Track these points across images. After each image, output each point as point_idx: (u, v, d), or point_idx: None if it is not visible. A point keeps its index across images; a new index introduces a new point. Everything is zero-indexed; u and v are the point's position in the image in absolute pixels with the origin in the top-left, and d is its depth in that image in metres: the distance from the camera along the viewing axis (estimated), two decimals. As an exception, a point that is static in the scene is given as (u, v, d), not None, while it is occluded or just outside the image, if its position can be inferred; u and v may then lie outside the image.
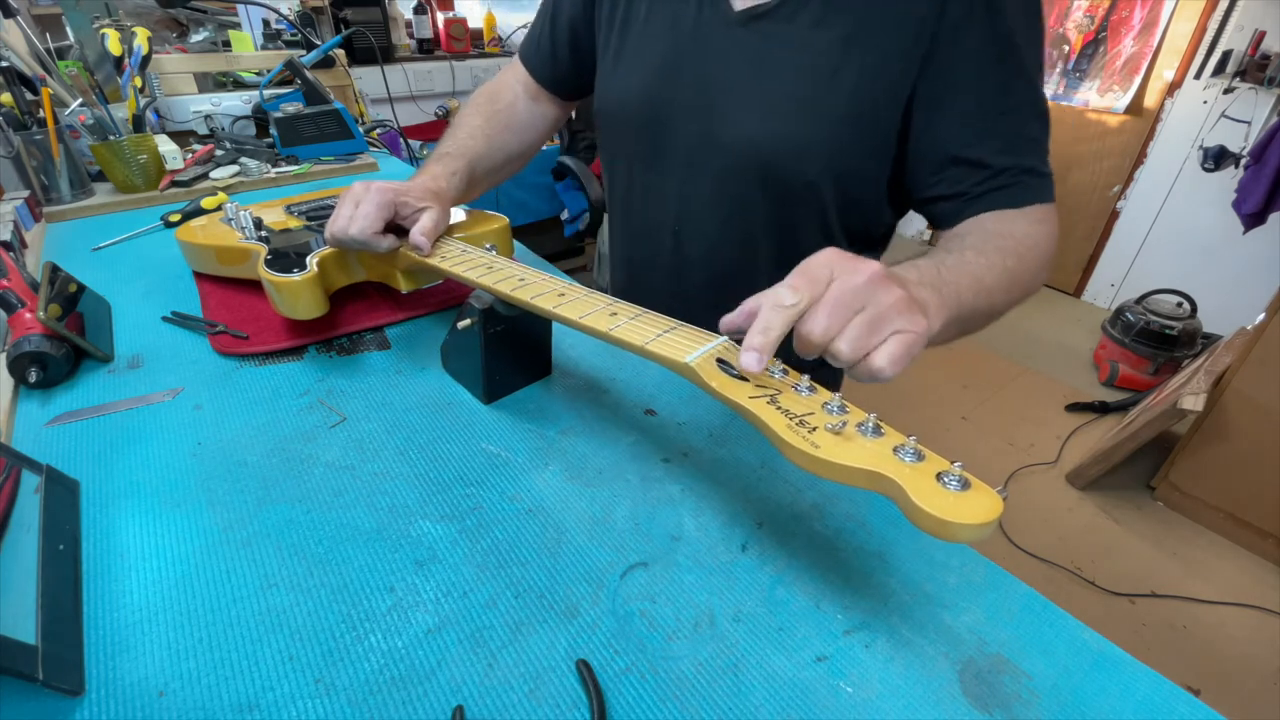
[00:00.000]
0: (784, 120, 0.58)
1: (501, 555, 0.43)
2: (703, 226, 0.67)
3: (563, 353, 0.64)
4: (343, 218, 0.58)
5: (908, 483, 0.30)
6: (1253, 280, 2.42)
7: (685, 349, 0.41)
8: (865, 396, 2.29)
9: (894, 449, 0.32)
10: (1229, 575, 1.64)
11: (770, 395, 0.36)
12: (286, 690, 0.34)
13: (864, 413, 0.35)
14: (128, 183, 0.97)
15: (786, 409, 0.35)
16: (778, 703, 0.35)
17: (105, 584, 0.40)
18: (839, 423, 0.34)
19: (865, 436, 0.33)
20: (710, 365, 0.39)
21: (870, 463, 0.31)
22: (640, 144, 0.69)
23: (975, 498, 0.30)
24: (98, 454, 0.50)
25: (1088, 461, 1.90)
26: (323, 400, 0.56)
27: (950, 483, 0.30)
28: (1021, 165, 0.54)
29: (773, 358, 0.38)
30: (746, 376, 0.38)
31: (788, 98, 0.58)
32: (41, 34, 1.11)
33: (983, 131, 0.54)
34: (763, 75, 0.58)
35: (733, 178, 0.63)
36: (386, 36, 2.29)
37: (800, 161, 0.59)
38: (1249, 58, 2.33)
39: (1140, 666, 0.38)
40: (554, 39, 0.75)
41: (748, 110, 0.60)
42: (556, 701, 0.35)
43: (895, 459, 0.32)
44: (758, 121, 0.59)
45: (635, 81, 0.66)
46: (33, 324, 0.55)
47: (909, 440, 0.32)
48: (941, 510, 0.29)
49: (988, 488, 0.30)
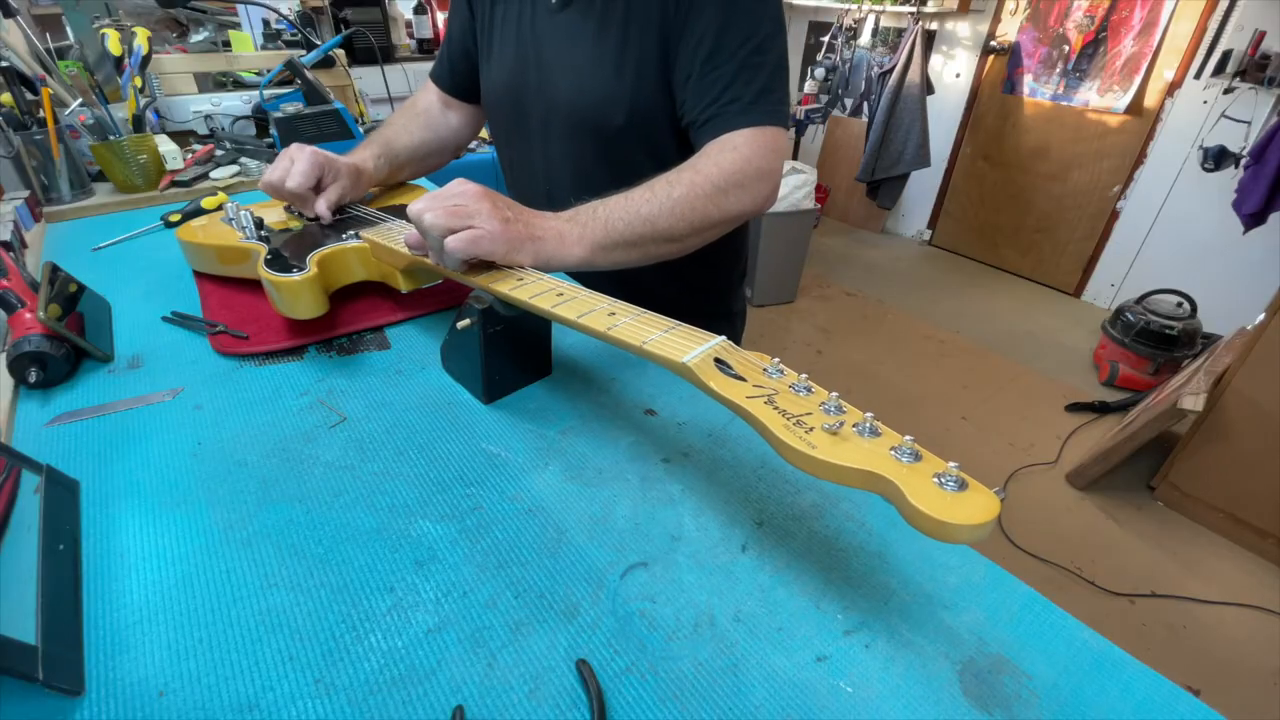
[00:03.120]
0: (593, 80, 0.72)
1: (501, 555, 0.43)
2: (563, 181, 0.80)
3: (563, 352, 0.64)
4: (280, 169, 0.70)
5: (905, 484, 0.30)
6: (1253, 280, 2.42)
7: (683, 349, 0.41)
8: (864, 398, 2.29)
9: (891, 449, 0.32)
10: (1229, 575, 1.64)
11: (768, 395, 0.36)
12: (286, 690, 0.34)
13: (861, 413, 0.34)
14: (128, 183, 0.97)
15: (784, 409, 0.35)
16: (778, 703, 0.35)
17: (105, 584, 0.40)
18: (836, 423, 0.33)
19: (862, 437, 0.33)
20: (708, 365, 0.39)
21: (867, 463, 0.31)
22: (509, 125, 0.84)
23: (972, 498, 0.30)
24: (98, 454, 0.50)
25: (1088, 461, 1.90)
26: (323, 400, 0.56)
27: (947, 483, 0.30)
28: (730, 96, 0.66)
29: (770, 356, 0.39)
30: (744, 376, 0.38)
31: (593, 63, 0.72)
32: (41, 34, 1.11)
33: (706, 68, 0.67)
34: (575, 49, 0.73)
35: (572, 135, 0.77)
36: (386, 36, 2.29)
37: (607, 113, 0.73)
38: (1249, 58, 2.33)
39: (1140, 666, 0.38)
40: (450, 54, 0.89)
41: (568, 77, 0.74)
42: (556, 701, 0.35)
43: (892, 459, 0.31)
44: (575, 85, 0.74)
45: (498, 74, 0.81)
46: (33, 324, 0.55)
47: (906, 440, 0.32)
48: (939, 511, 0.29)
49: (985, 488, 0.30)
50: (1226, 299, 2.44)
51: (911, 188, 3.51)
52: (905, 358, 2.54)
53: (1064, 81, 2.91)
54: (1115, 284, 2.95)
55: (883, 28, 3.42)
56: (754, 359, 0.40)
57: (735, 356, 0.40)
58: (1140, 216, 2.79)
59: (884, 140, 3.12)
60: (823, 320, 2.77)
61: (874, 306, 2.92)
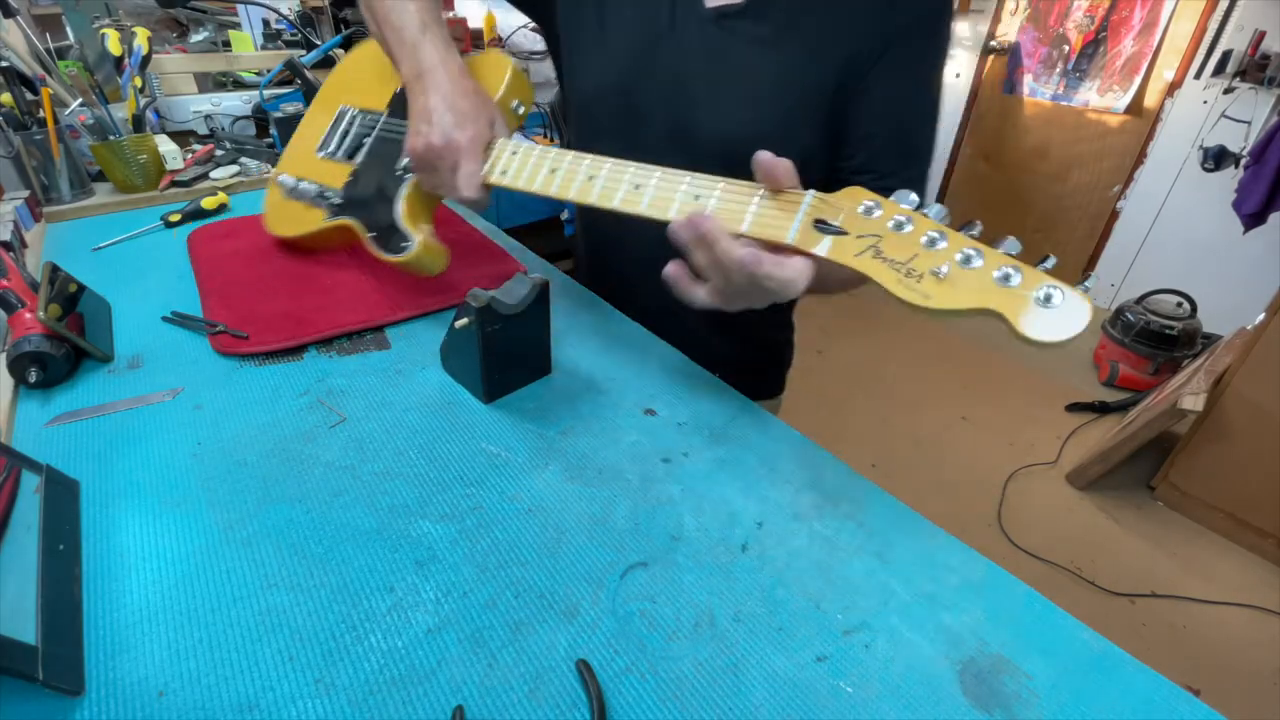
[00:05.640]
0: (753, 113, 0.63)
1: (501, 555, 0.43)
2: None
3: (563, 352, 0.64)
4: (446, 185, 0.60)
5: (1011, 314, 0.34)
6: (1253, 280, 2.42)
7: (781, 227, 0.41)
8: (865, 398, 2.29)
9: (994, 275, 0.34)
10: (1229, 575, 1.64)
11: (873, 245, 0.37)
12: (286, 690, 0.34)
13: (960, 238, 0.36)
14: (128, 183, 0.97)
15: (891, 258, 0.37)
16: (778, 703, 0.35)
17: (105, 584, 0.40)
18: (942, 264, 0.35)
19: (966, 268, 0.35)
20: (810, 233, 0.40)
21: (976, 301, 0.34)
22: (613, 131, 0.70)
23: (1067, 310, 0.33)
24: (98, 454, 0.50)
25: (1088, 461, 1.90)
26: (323, 400, 0.56)
27: (1045, 297, 0.33)
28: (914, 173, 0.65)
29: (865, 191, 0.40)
30: (846, 228, 0.39)
31: (757, 93, 0.63)
32: (41, 34, 1.11)
33: (897, 133, 0.64)
34: (734, 70, 0.63)
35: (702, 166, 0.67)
36: (386, 36, 2.28)
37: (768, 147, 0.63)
38: (1249, 58, 2.33)
39: (1140, 666, 0.38)
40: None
41: (720, 103, 0.64)
42: (556, 701, 0.35)
43: (997, 289, 0.34)
44: (729, 114, 0.64)
45: (611, 70, 0.68)
46: (33, 324, 0.55)
47: (1004, 258, 0.35)
48: (1043, 333, 0.33)
49: (1076, 292, 0.33)
50: (1226, 299, 2.44)
51: (911, 188, 3.50)
52: (905, 358, 2.54)
53: (1064, 81, 2.91)
54: (1115, 284, 2.95)
55: (883, 28, 3.42)
56: (846, 201, 0.40)
57: (829, 207, 0.40)
58: (1140, 216, 2.79)
59: (884, 140, 3.11)
60: (823, 320, 2.76)
61: (874, 306, 2.92)
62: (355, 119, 0.77)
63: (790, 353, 0.89)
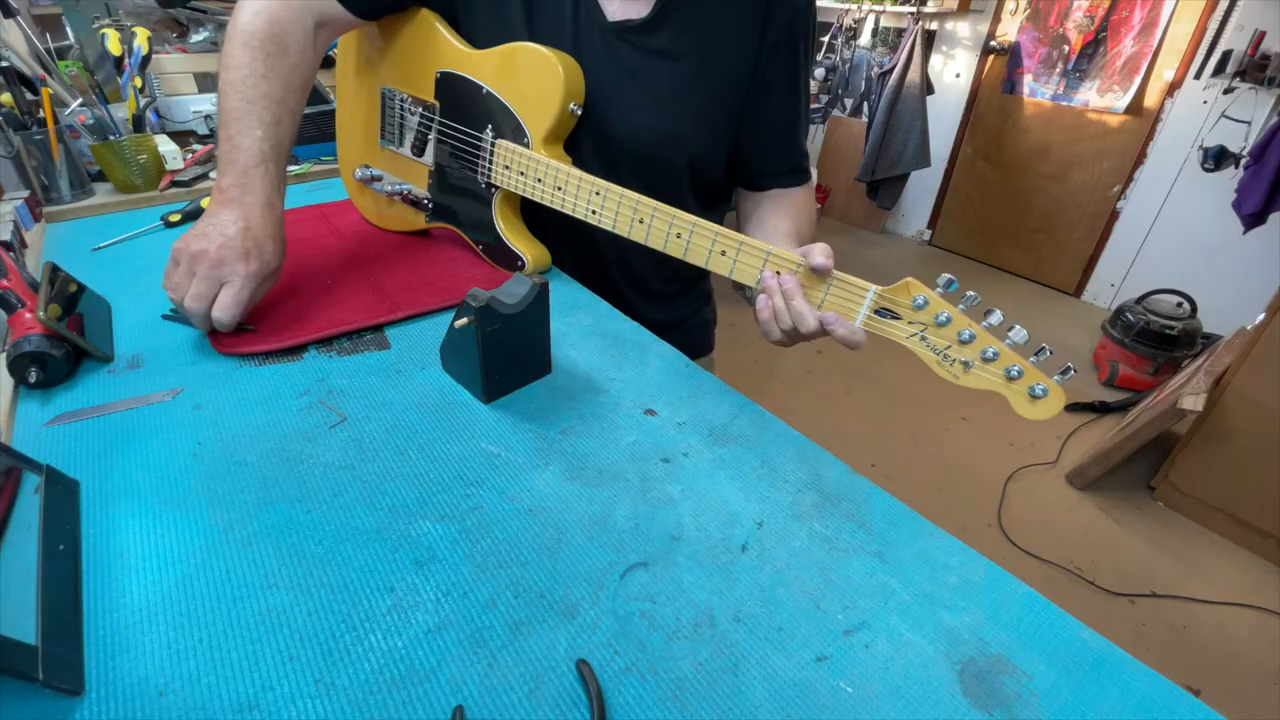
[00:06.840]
0: (655, 118, 0.71)
1: (501, 555, 0.43)
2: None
3: (563, 352, 0.64)
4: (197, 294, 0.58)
5: (1012, 399, 0.51)
6: (1253, 280, 2.42)
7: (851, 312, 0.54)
8: (865, 398, 2.29)
9: (1005, 370, 0.50)
10: (1229, 575, 1.65)
11: (920, 332, 0.52)
12: (286, 690, 0.34)
13: (986, 336, 0.50)
14: (128, 183, 0.97)
15: (933, 344, 0.52)
16: (778, 703, 0.35)
17: (105, 584, 0.40)
18: (970, 358, 0.50)
19: (988, 362, 0.50)
20: (874, 321, 0.53)
21: (989, 386, 0.51)
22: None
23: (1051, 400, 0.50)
24: (98, 454, 0.50)
25: (1088, 461, 1.90)
26: (323, 400, 0.56)
27: (1037, 391, 0.50)
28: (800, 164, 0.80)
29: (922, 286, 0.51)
30: (900, 314, 0.52)
31: (659, 98, 0.70)
32: (41, 34, 1.11)
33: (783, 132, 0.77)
34: (637, 80, 0.70)
35: (615, 166, 0.74)
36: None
37: (671, 150, 0.73)
38: (1249, 58, 2.34)
39: (1140, 666, 0.38)
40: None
41: (628, 109, 0.71)
42: (556, 701, 0.35)
43: (1005, 382, 0.50)
44: (635, 119, 0.71)
45: None
46: (33, 324, 0.55)
47: (1014, 357, 0.49)
48: (1031, 415, 0.51)
49: (1058, 388, 0.50)
50: (1226, 299, 2.44)
51: (911, 188, 3.51)
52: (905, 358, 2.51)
53: (1064, 81, 2.91)
54: (1115, 284, 2.95)
55: (882, 28, 3.42)
56: (901, 297, 0.52)
57: (887, 298, 0.52)
58: (1140, 216, 2.79)
59: (884, 140, 3.12)
60: (823, 320, 2.76)
61: (874, 306, 2.92)
62: (405, 105, 0.77)
63: (712, 313, 0.99)
